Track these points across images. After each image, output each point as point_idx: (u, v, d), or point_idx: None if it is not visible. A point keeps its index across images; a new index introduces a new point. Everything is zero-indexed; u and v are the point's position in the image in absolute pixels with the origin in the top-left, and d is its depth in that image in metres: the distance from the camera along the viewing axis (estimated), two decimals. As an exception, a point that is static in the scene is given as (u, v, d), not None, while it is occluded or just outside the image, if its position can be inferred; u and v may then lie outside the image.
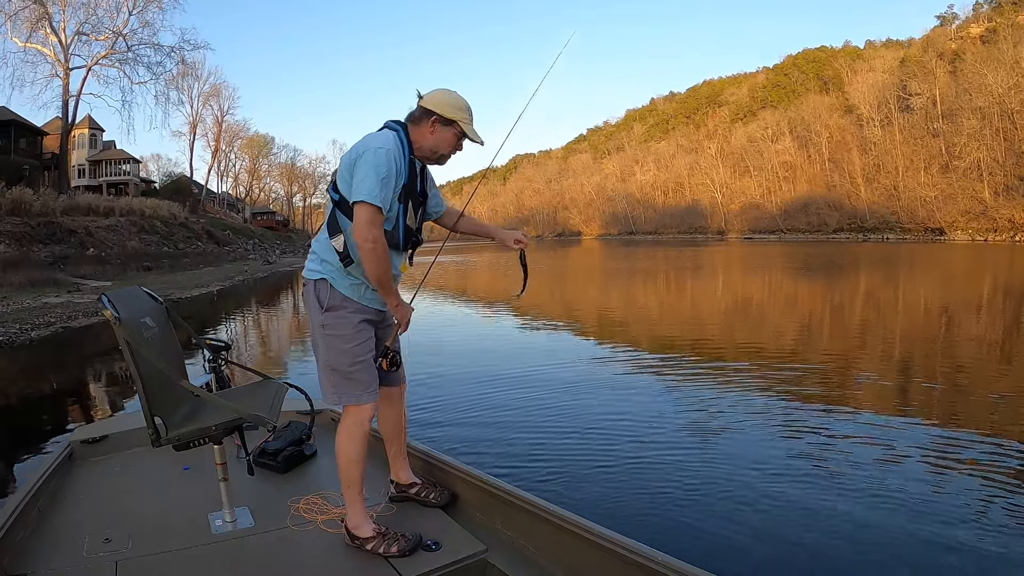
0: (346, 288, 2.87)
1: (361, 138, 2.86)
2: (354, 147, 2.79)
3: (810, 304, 18.78)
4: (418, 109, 2.88)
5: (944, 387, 8.13)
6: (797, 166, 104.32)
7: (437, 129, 2.86)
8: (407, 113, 2.93)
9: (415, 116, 2.88)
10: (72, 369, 11.06)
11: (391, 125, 2.88)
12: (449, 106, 2.85)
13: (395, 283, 2.92)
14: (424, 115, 2.85)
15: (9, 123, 44.66)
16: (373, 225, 2.68)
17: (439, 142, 2.89)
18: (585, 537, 2.53)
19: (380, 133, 2.83)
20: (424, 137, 2.87)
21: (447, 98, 2.86)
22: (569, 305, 19.28)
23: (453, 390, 7.91)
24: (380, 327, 3.04)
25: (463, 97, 2.90)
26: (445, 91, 2.90)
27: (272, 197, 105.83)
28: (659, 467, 5.34)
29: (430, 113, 2.84)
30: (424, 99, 2.88)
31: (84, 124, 58.23)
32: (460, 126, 2.88)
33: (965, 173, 74.92)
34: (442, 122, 2.85)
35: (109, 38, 48.24)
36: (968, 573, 3.66)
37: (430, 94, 2.89)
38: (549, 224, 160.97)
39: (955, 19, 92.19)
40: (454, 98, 2.88)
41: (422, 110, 2.86)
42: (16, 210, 30.31)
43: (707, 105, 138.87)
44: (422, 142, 2.88)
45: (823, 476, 5.10)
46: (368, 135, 2.85)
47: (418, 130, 2.87)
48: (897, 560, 3.80)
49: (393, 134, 2.82)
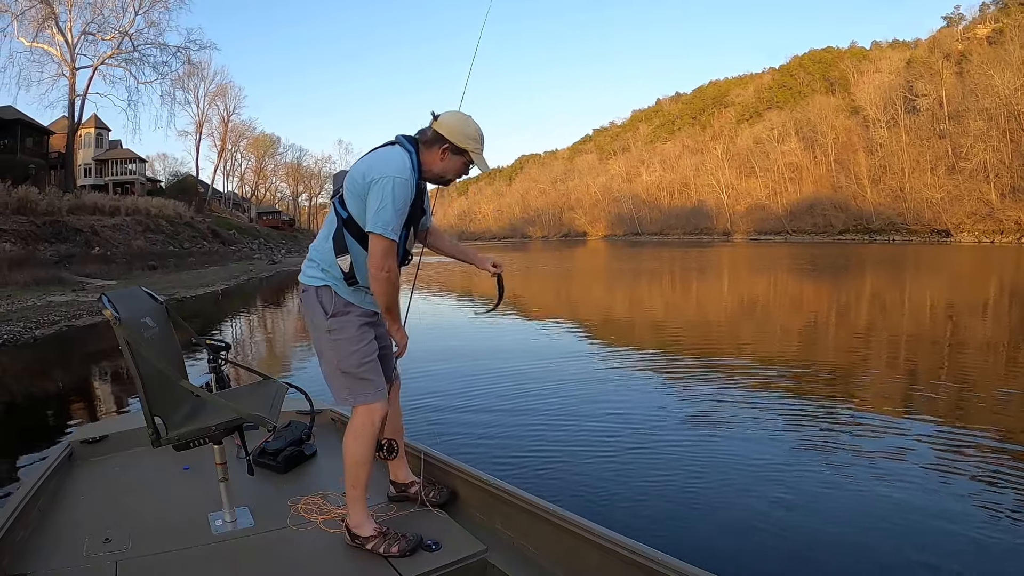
0: (348, 294, 2.89)
1: (372, 153, 2.86)
2: (366, 165, 2.77)
3: (818, 305, 18.77)
4: (431, 132, 2.85)
5: (950, 386, 8.09)
6: (803, 167, 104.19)
7: (447, 156, 2.86)
8: (419, 130, 2.92)
9: (427, 138, 2.86)
10: (74, 368, 11.09)
11: (404, 144, 2.85)
12: (462, 135, 2.83)
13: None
14: (436, 140, 2.84)
15: (15, 122, 44.78)
16: (388, 256, 2.72)
17: (447, 168, 2.89)
18: (585, 537, 2.53)
19: (395, 156, 2.79)
20: (434, 162, 2.87)
21: (461, 127, 2.84)
22: (573, 305, 19.29)
23: (454, 389, 7.92)
24: (378, 327, 3.04)
25: (476, 124, 2.89)
26: (460, 118, 2.87)
27: (278, 197, 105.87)
28: (660, 466, 5.34)
29: (442, 140, 2.83)
30: (438, 123, 2.85)
31: (90, 123, 58.32)
32: (470, 155, 2.88)
33: (971, 175, 74.79)
34: (453, 150, 2.85)
35: (115, 38, 48.44)
36: (971, 573, 3.65)
37: (445, 118, 2.86)
38: (555, 225, 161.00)
39: (961, 20, 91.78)
40: (468, 127, 2.86)
41: (435, 135, 2.84)
42: (22, 209, 30.37)
43: (713, 106, 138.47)
44: (431, 166, 2.88)
45: (826, 476, 5.09)
46: (381, 153, 2.83)
47: (429, 154, 2.86)
48: (901, 560, 3.79)
49: (406, 156, 2.80)
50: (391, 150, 2.83)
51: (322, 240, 2.93)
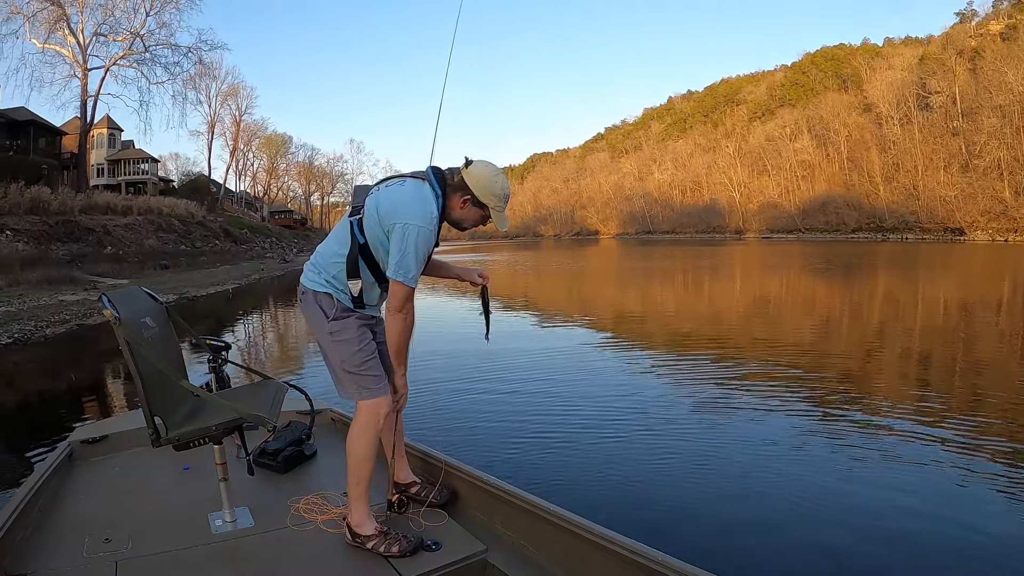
0: (348, 301, 2.93)
1: (401, 188, 2.89)
2: (392, 203, 2.82)
3: (837, 304, 18.65)
4: (459, 178, 2.89)
5: (967, 385, 8.07)
6: (815, 165, 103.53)
7: (468, 207, 2.91)
8: (449, 168, 2.96)
9: (454, 183, 2.90)
10: (82, 367, 11.13)
11: (433, 184, 2.89)
12: (487, 191, 2.87)
13: (379, 307, 3.08)
14: (461, 188, 2.88)
15: (28, 123, 45.17)
16: (408, 300, 2.82)
17: (465, 217, 2.94)
18: (585, 537, 2.53)
19: (422, 201, 2.83)
20: (455, 208, 2.92)
21: (487, 182, 2.87)
22: (582, 304, 19.27)
23: (455, 388, 7.92)
24: (376, 328, 3.08)
25: (504, 182, 2.92)
26: (489, 173, 2.89)
27: (290, 196, 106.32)
28: (663, 467, 5.33)
29: (467, 189, 2.87)
30: (467, 172, 2.88)
31: (103, 124, 58.77)
32: (490, 210, 2.92)
33: (985, 172, 74.07)
34: (474, 202, 2.89)
35: (127, 39, 48.98)
36: (975, 572, 3.63)
37: (474, 169, 2.89)
38: (566, 223, 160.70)
39: (975, 16, 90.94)
40: (494, 184, 2.88)
41: (461, 182, 2.88)
42: (35, 209, 30.65)
43: (725, 104, 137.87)
44: (451, 211, 2.92)
45: (828, 475, 5.07)
46: (410, 194, 2.85)
47: (452, 198, 2.90)
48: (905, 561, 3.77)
49: (433, 203, 2.85)
50: (420, 191, 2.86)
51: (332, 252, 2.94)
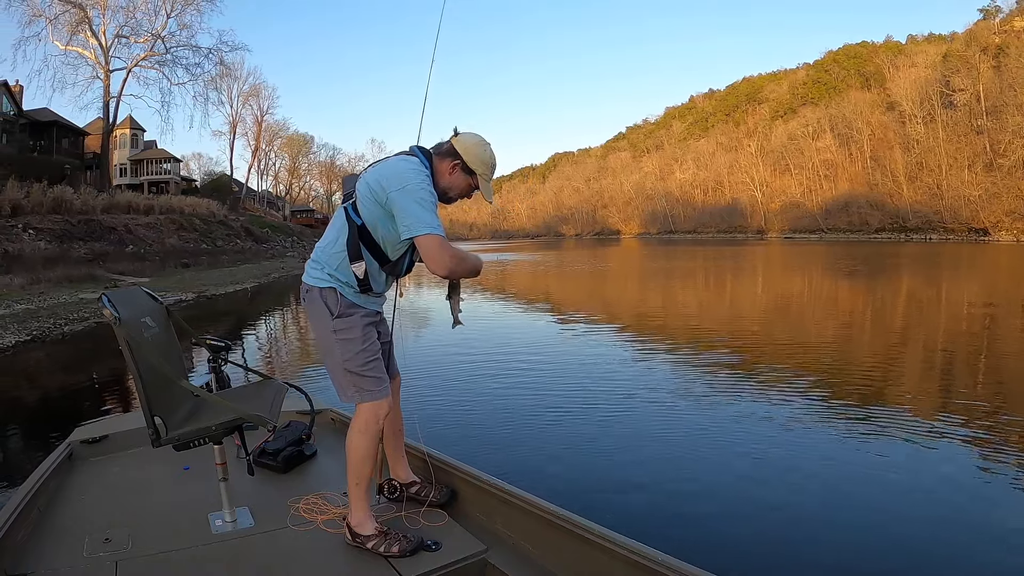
0: (353, 296, 2.92)
1: (385, 162, 2.90)
2: (382, 174, 2.81)
3: (864, 307, 18.53)
4: (448, 145, 2.91)
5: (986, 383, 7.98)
6: (838, 164, 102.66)
7: (456, 172, 2.90)
8: (436, 143, 2.97)
9: (442, 150, 2.91)
10: (93, 365, 11.26)
11: (417, 153, 2.90)
12: (476, 158, 2.88)
13: (381, 301, 3.07)
14: (450, 154, 2.89)
15: (51, 124, 45.90)
16: (444, 247, 2.71)
17: (453, 184, 2.92)
18: (585, 537, 2.52)
19: (411, 165, 2.82)
20: (442, 175, 2.90)
21: (477, 150, 2.89)
22: (599, 303, 19.25)
23: (456, 388, 7.95)
24: (379, 326, 3.08)
25: (493, 153, 2.95)
26: (478, 141, 2.93)
27: (312, 195, 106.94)
28: (665, 466, 5.33)
29: (456, 155, 2.87)
30: (456, 139, 2.91)
31: (125, 124, 59.51)
32: (478, 179, 2.92)
33: (1010, 171, 73.09)
34: (463, 168, 2.89)
35: (148, 40, 49.49)
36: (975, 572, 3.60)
37: (464, 136, 2.93)
38: (588, 223, 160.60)
39: (998, 12, 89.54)
40: (484, 151, 2.91)
41: (451, 148, 2.89)
42: (57, 208, 31.10)
43: (747, 102, 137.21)
44: (439, 178, 2.90)
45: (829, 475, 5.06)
46: (397, 162, 2.86)
47: (440, 165, 2.90)
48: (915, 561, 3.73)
49: (420, 166, 2.84)
50: (405, 160, 2.87)
51: (330, 243, 2.94)
